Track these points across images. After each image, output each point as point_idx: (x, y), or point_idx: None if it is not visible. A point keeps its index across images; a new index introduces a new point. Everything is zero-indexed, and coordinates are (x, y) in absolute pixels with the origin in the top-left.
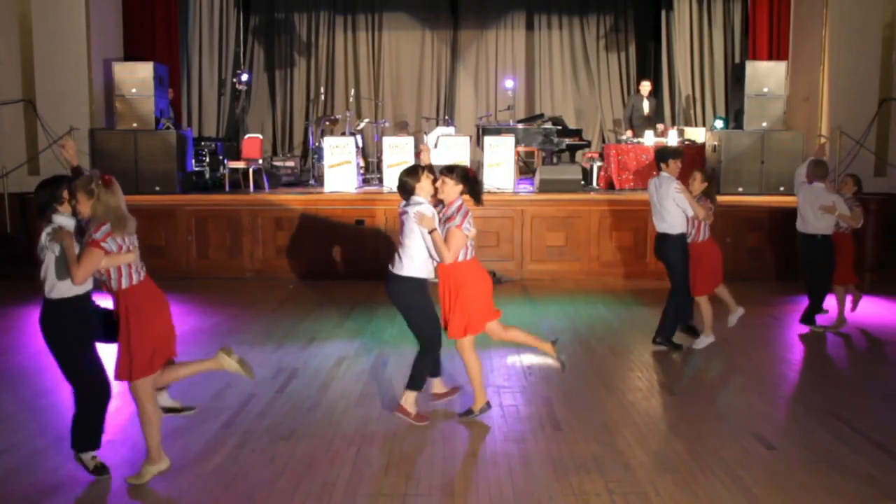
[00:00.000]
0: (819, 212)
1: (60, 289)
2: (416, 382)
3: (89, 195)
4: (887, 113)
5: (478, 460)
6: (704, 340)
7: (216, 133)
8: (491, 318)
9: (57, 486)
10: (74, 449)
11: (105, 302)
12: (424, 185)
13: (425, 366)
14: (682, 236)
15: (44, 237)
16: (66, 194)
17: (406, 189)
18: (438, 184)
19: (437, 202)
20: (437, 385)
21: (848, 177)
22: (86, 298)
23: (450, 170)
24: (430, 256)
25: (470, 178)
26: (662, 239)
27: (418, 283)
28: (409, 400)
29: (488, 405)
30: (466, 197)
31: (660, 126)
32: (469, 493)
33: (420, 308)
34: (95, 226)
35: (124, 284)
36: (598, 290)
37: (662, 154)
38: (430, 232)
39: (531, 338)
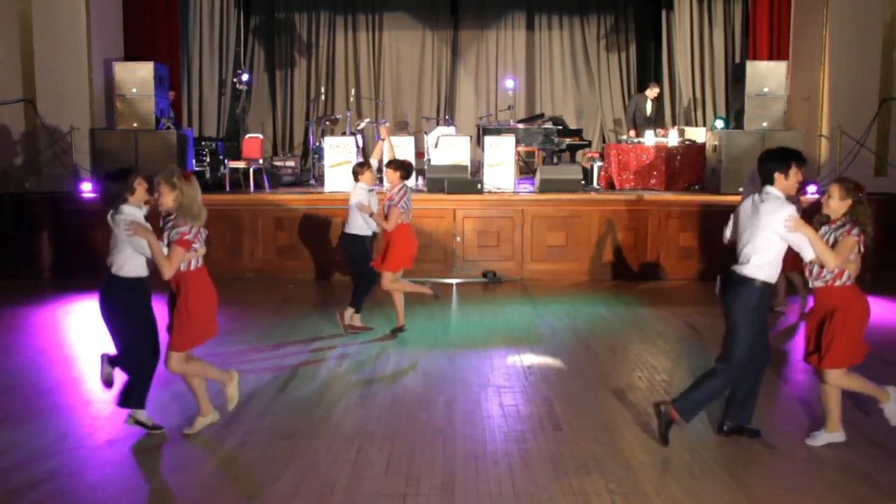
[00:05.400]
0: None
1: (127, 269)
2: (357, 305)
3: (172, 188)
4: (887, 113)
5: (478, 460)
6: (823, 436)
7: (216, 133)
8: (400, 267)
9: (57, 486)
10: (124, 406)
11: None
12: (367, 176)
13: (363, 294)
14: (766, 287)
15: (117, 225)
16: (136, 184)
17: (354, 176)
18: (385, 174)
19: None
20: (356, 319)
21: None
22: (147, 281)
23: (389, 164)
24: (367, 224)
25: (403, 165)
26: (738, 283)
27: (359, 238)
28: (355, 318)
29: (403, 328)
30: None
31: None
32: (469, 493)
33: (359, 255)
34: (186, 225)
35: (184, 268)
36: (598, 290)
37: (775, 158)
38: (371, 215)
39: (413, 287)
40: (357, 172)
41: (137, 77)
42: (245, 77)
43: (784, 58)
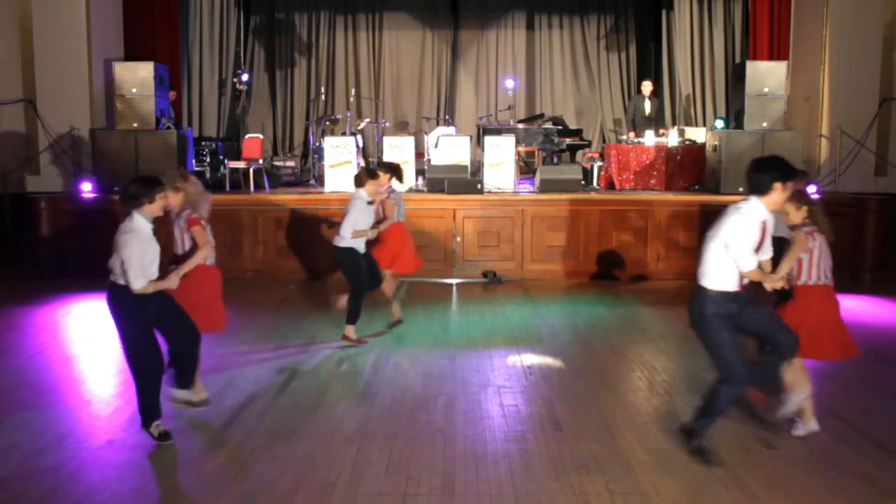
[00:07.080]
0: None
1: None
2: (352, 318)
3: (176, 191)
4: (888, 113)
5: (478, 460)
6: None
7: (216, 133)
8: (413, 268)
9: (57, 486)
10: (148, 427)
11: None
12: (371, 186)
13: (357, 306)
14: (717, 296)
15: (124, 229)
16: (158, 197)
17: (359, 182)
18: (381, 177)
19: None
20: (350, 331)
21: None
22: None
23: (380, 165)
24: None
25: (392, 167)
26: (693, 293)
27: (350, 251)
28: (350, 330)
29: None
30: None
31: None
32: (469, 493)
33: (351, 266)
34: (188, 208)
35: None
36: (598, 290)
37: (775, 168)
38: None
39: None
40: (360, 179)
41: (137, 77)
42: (245, 77)
43: (784, 58)
